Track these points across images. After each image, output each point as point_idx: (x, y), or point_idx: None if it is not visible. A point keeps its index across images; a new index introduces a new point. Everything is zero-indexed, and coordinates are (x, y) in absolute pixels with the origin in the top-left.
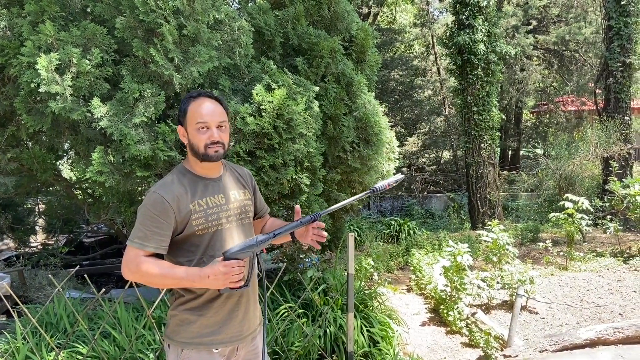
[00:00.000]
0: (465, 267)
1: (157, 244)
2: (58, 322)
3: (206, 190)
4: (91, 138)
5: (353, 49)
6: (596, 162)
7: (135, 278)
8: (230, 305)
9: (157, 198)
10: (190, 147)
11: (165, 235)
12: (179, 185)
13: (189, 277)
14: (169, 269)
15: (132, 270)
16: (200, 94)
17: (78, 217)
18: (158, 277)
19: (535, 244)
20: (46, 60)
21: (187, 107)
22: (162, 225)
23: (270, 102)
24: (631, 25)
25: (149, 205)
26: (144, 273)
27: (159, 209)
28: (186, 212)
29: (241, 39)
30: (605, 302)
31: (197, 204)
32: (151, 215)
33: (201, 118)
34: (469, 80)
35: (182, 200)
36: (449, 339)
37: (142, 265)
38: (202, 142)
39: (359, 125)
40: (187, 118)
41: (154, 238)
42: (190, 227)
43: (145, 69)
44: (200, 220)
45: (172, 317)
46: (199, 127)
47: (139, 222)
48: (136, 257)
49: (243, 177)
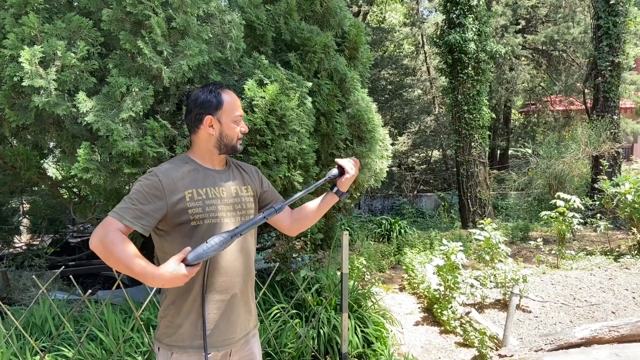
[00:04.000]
0: (459, 266)
1: (135, 220)
2: (43, 325)
3: (207, 180)
4: (77, 134)
5: (345, 45)
6: (584, 161)
7: (99, 248)
8: (219, 306)
9: (152, 176)
10: (220, 138)
11: (148, 215)
12: (176, 171)
13: (143, 275)
14: (129, 256)
15: (99, 238)
16: (223, 86)
17: (64, 216)
18: (117, 256)
19: (525, 243)
20: (30, 53)
21: (221, 98)
22: (149, 205)
23: (262, 98)
24: (620, 24)
25: (142, 182)
26: (108, 245)
27: (150, 186)
28: (179, 198)
29: (232, 33)
30: (597, 300)
31: (195, 192)
32: (140, 191)
33: (240, 111)
34: (459, 79)
35: (179, 184)
36: (443, 339)
37: (109, 236)
38: (236, 135)
39: (352, 122)
40: (225, 109)
41: (135, 213)
42: (185, 215)
43: (132, 62)
44: (198, 209)
45: (162, 318)
46: (237, 119)
47: (127, 196)
48: (109, 226)
49: (248, 173)
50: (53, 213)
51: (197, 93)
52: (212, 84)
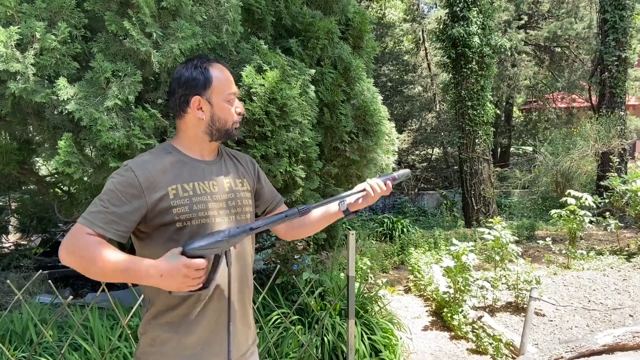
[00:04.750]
0: (470, 268)
1: (106, 225)
2: (24, 332)
3: (194, 173)
4: (58, 124)
5: (350, 33)
6: (589, 158)
7: (73, 260)
8: (213, 320)
9: (127, 172)
10: (212, 122)
11: (123, 219)
12: (156, 163)
13: (133, 270)
14: (111, 254)
15: (67, 249)
16: (210, 60)
17: (53, 215)
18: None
19: (532, 242)
20: (5, 34)
21: (209, 74)
22: (124, 206)
23: (261, 85)
24: (626, 18)
25: (115, 179)
26: (80, 255)
27: (124, 184)
28: (161, 196)
29: (229, 15)
30: (613, 303)
31: (179, 188)
32: (113, 190)
33: (234, 87)
34: (463, 74)
35: (158, 181)
36: (453, 345)
37: (80, 245)
38: (231, 117)
39: (357, 114)
40: (215, 86)
41: (107, 218)
42: (169, 216)
43: (119, 46)
44: (184, 208)
45: (143, 335)
46: (230, 98)
47: (98, 196)
48: (78, 235)
49: (243, 165)
50: (42, 211)
51: (180, 70)
52: (196, 57)
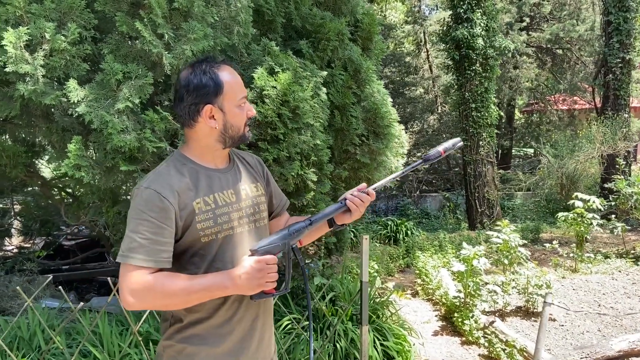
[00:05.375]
0: (481, 272)
1: (155, 256)
2: (31, 338)
3: (212, 184)
4: (67, 127)
5: (359, 34)
6: (593, 160)
7: (142, 304)
8: (243, 330)
9: (151, 195)
10: (225, 129)
11: (165, 244)
12: (179, 176)
13: (216, 284)
14: (189, 281)
15: (135, 295)
16: (217, 62)
17: (57, 218)
18: (177, 295)
19: (537, 245)
20: (14, 35)
21: (220, 80)
22: (162, 232)
23: (274, 88)
24: (630, 20)
25: (141, 206)
26: (153, 294)
27: (155, 209)
28: (189, 212)
29: (240, 17)
30: (624, 307)
31: (203, 202)
32: (145, 219)
33: (244, 90)
34: (466, 76)
35: (185, 197)
36: (465, 350)
37: (146, 285)
38: (243, 121)
39: (367, 116)
40: (226, 92)
41: (152, 248)
42: (194, 232)
43: (129, 47)
44: (208, 222)
45: (167, 348)
46: (242, 102)
47: (129, 229)
48: (134, 276)
49: (253, 167)
50: (45, 214)
51: (187, 76)
52: (203, 60)
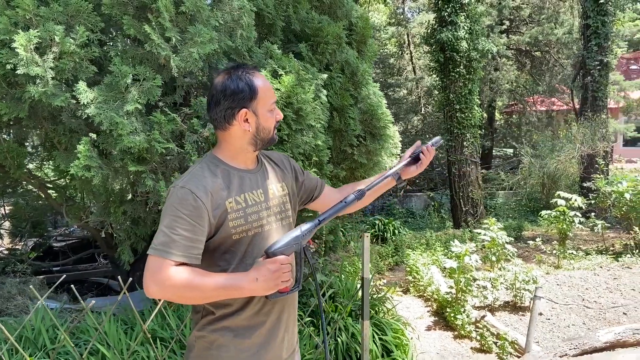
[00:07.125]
0: (472, 268)
1: (185, 252)
2: (36, 338)
3: (243, 184)
4: (74, 128)
5: (353, 37)
6: (573, 160)
7: (163, 294)
8: (271, 322)
9: (186, 194)
10: (257, 132)
11: (197, 242)
12: (213, 177)
13: (233, 284)
14: (207, 279)
15: (159, 285)
16: (250, 68)
17: (48, 219)
18: (194, 289)
19: (520, 242)
20: (25, 38)
21: (255, 86)
22: (194, 229)
23: (277, 90)
24: (608, 24)
25: (176, 204)
26: (175, 286)
27: (189, 208)
28: (222, 212)
29: (242, 20)
30: (606, 301)
31: (234, 201)
32: (179, 216)
33: (274, 96)
34: (451, 78)
35: (217, 197)
36: (457, 344)
37: (170, 277)
38: (273, 124)
39: (364, 117)
40: (260, 98)
41: (183, 244)
42: (226, 230)
43: (137, 50)
44: (239, 221)
45: (199, 339)
46: (272, 107)
47: (163, 224)
48: (162, 268)
49: (280, 166)
50: (37, 215)
51: (224, 81)
52: (239, 67)
